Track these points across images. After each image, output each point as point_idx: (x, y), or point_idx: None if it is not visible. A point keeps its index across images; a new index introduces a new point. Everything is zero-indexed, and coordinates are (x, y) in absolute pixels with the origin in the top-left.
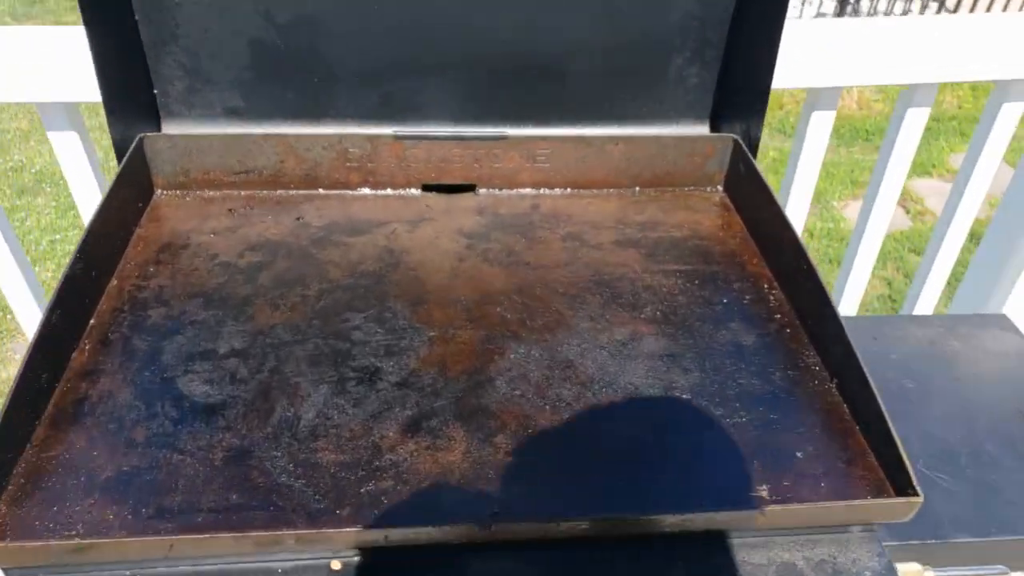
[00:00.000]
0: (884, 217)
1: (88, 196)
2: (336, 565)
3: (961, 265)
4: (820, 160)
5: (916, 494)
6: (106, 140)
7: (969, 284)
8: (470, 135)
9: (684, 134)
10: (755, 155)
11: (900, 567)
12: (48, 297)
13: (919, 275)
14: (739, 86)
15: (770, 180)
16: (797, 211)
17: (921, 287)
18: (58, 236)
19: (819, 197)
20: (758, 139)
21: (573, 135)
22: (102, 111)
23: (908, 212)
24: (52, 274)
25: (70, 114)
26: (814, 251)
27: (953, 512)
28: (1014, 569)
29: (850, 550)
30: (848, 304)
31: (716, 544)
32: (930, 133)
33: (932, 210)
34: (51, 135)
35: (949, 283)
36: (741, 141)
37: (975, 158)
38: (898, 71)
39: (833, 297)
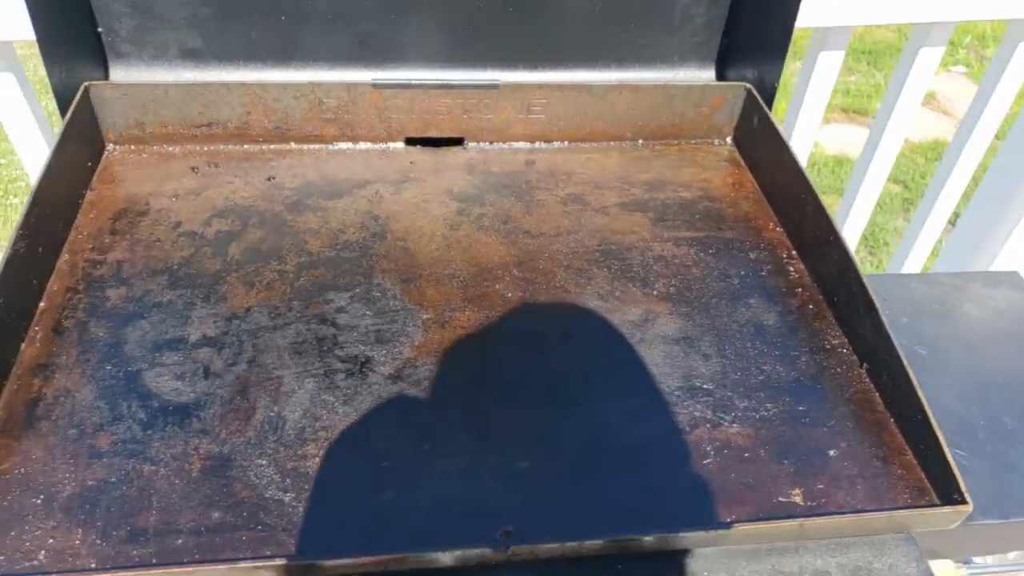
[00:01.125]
0: (889, 158)
1: (29, 145)
2: None
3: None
4: (823, 107)
5: (964, 501)
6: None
7: (960, 236)
8: (458, 83)
9: (692, 82)
10: (771, 106)
11: (933, 565)
12: None
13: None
14: (753, 26)
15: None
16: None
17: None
18: (3, 160)
19: None
20: (774, 88)
21: (572, 83)
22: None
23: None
24: None
25: (5, 55)
26: None
27: (973, 492)
28: None
29: (886, 555)
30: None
31: (747, 553)
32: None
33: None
34: None
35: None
36: (755, 90)
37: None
38: (913, 9)
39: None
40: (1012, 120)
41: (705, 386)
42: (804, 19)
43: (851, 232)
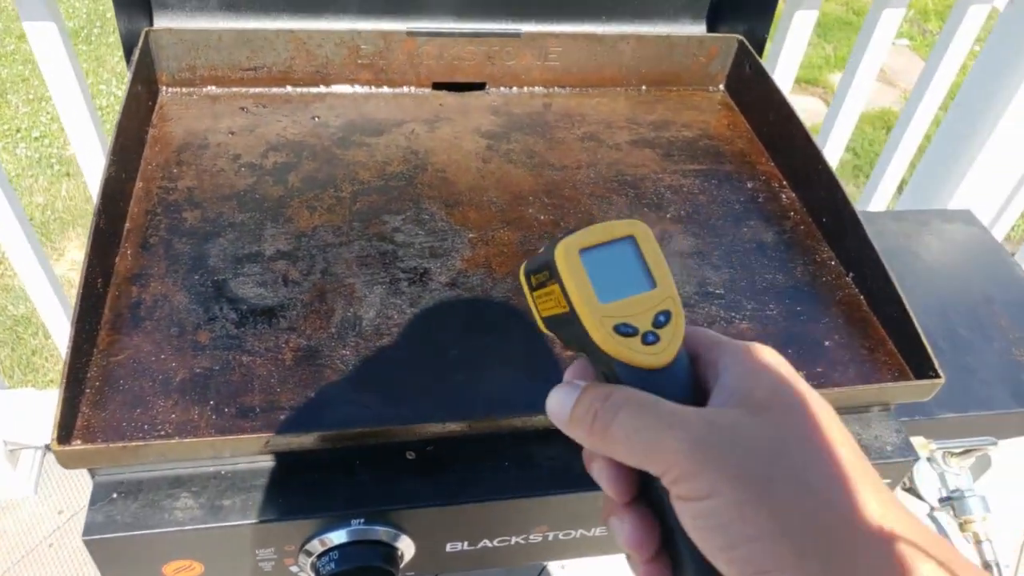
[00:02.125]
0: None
1: (66, 93)
2: (411, 455)
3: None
4: (797, 65)
5: (938, 375)
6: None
7: (920, 178)
8: (485, 31)
9: (689, 33)
10: (761, 55)
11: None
12: None
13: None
14: None
15: None
16: None
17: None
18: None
19: None
20: (764, 40)
21: (585, 32)
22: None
23: (827, 104)
24: None
25: (48, 3)
26: None
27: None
28: (1000, 439)
29: (871, 427)
30: None
31: None
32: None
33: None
34: (26, 25)
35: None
36: (746, 41)
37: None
38: None
39: None
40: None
41: (717, 291)
42: None
43: None
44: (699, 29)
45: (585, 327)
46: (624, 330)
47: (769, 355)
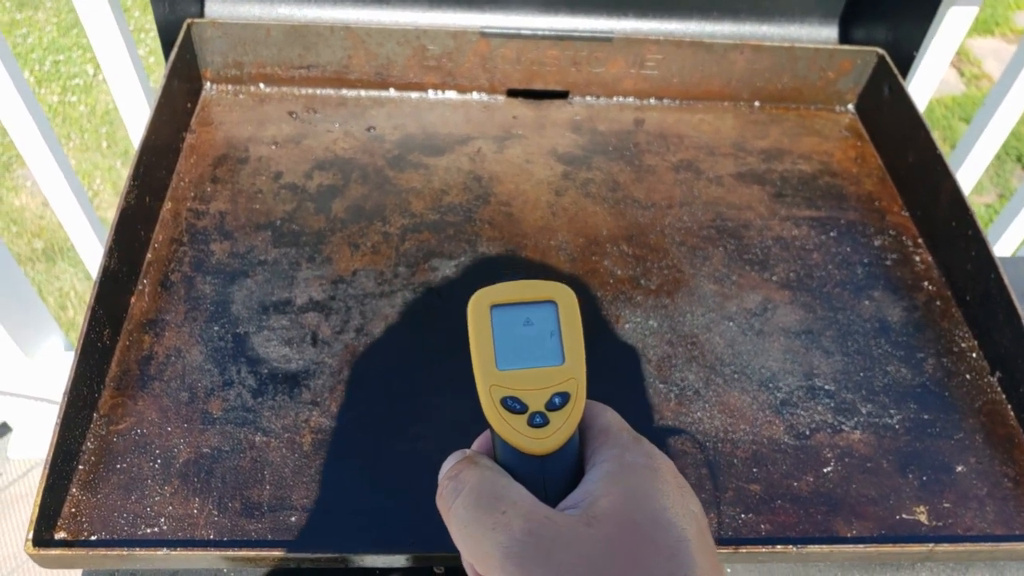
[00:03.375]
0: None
1: (117, 67)
2: (439, 570)
3: (1015, 137)
4: (942, 75)
5: None
6: None
7: None
8: (571, 33)
9: (816, 41)
10: (906, 75)
11: None
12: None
13: (963, 145)
14: None
15: None
16: None
17: (964, 158)
18: (61, 57)
19: None
20: (912, 55)
21: (688, 36)
22: None
23: (963, 75)
24: (58, 97)
25: None
26: None
27: None
28: None
29: (1007, 574)
30: None
31: (859, 566)
32: None
33: (990, 74)
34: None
35: (1000, 159)
36: (888, 57)
37: None
38: None
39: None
40: None
41: (826, 387)
42: None
43: None
44: (829, 33)
45: (478, 389)
46: (512, 405)
47: (644, 458)
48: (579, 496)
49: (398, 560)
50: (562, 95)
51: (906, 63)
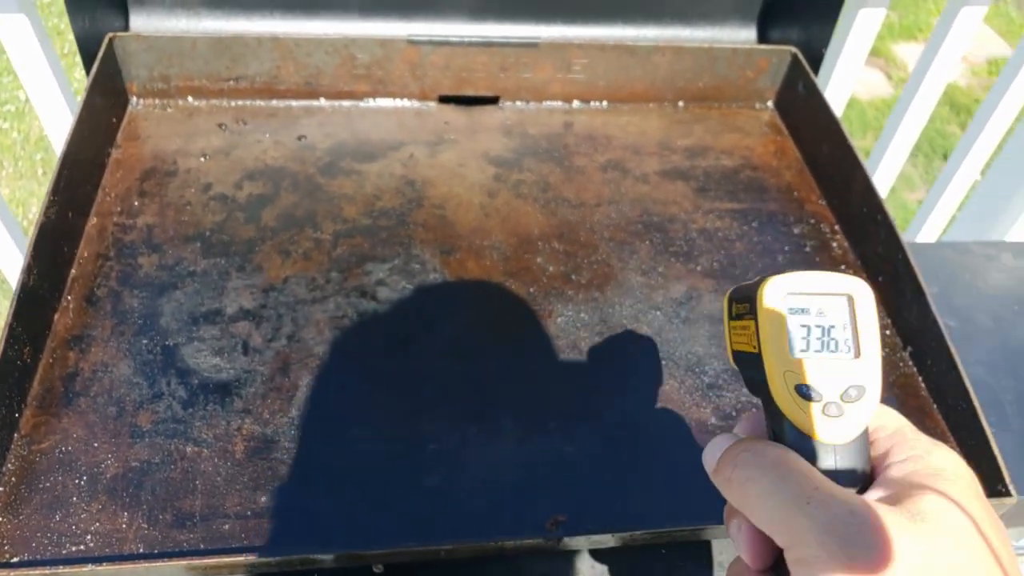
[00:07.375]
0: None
1: (44, 94)
2: (379, 568)
3: (941, 136)
4: (857, 72)
5: (1008, 494)
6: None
7: (979, 203)
8: (499, 40)
9: (736, 43)
10: (817, 71)
11: None
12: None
13: (883, 138)
14: None
15: None
16: None
17: (885, 150)
18: None
19: None
20: (822, 54)
21: (613, 40)
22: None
23: (891, 79)
24: None
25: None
26: None
27: None
28: None
29: None
30: None
31: None
32: None
33: None
34: None
35: (928, 156)
36: (800, 55)
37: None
38: None
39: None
40: None
41: None
42: None
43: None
44: (748, 34)
45: (766, 375)
46: (805, 392)
47: (952, 464)
48: (883, 493)
49: (338, 560)
50: (492, 100)
51: (818, 61)
